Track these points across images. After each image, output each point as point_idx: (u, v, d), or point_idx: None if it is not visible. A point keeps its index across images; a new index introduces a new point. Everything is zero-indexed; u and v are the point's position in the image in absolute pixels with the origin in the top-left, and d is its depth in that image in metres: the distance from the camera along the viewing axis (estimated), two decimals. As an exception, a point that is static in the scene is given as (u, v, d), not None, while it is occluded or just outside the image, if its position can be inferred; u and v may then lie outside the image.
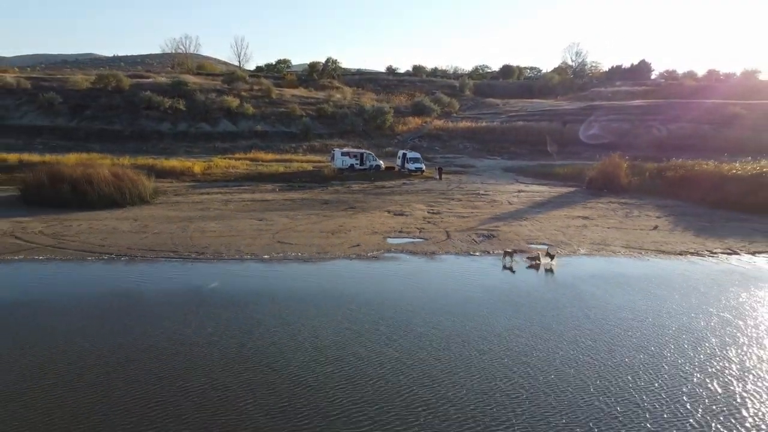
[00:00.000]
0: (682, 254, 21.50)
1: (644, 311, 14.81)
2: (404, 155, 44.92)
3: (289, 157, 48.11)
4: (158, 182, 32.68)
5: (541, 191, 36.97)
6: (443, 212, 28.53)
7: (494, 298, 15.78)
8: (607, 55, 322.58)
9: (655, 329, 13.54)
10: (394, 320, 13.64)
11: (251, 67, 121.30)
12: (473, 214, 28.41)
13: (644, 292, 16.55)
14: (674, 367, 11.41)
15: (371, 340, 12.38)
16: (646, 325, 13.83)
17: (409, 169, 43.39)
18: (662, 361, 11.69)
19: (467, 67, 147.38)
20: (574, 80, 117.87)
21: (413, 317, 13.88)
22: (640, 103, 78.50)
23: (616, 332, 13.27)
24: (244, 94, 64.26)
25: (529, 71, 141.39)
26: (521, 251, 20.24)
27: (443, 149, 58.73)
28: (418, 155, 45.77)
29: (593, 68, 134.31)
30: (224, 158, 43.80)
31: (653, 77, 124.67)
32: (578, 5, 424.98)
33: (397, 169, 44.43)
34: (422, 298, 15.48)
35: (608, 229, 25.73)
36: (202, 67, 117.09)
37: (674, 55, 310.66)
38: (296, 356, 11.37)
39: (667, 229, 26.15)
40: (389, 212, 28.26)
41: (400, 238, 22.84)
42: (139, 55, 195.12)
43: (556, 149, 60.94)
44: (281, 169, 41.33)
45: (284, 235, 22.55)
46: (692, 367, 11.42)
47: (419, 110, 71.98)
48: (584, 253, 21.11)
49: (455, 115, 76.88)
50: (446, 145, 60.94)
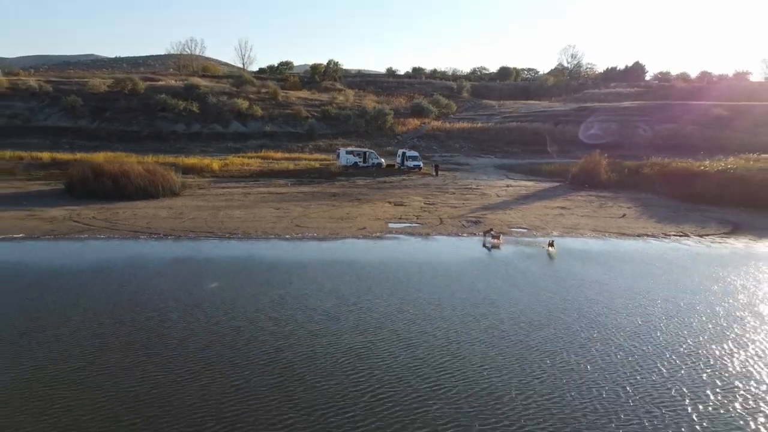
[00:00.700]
0: (640, 236, 25.27)
1: (596, 274, 18.55)
2: (403, 154, 48.69)
3: (297, 155, 51.83)
4: (182, 178, 36.38)
5: (527, 186, 40.73)
6: (438, 203, 32.31)
7: (474, 264, 19.53)
8: (603, 57, 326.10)
9: (603, 286, 17.26)
10: (395, 279, 17.35)
11: (254, 69, 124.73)
12: (464, 204, 32.19)
13: (600, 262, 20.30)
14: (617, 310, 15.13)
15: (379, 292, 16.08)
16: (595, 283, 17.55)
17: (408, 166, 47.15)
18: (607, 307, 15.40)
19: (466, 68, 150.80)
20: (569, 82, 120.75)
21: (410, 277, 17.61)
22: (628, 104, 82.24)
23: (566, 284, 16.99)
24: (252, 96, 68.00)
25: (526, 73, 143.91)
26: (491, 233, 23.40)
27: (440, 148, 62.44)
28: (416, 154, 49.55)
29: (588, 70, 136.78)
30: (238, 157, 47.57)
31: (648, 78, 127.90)
32: (577, 8, 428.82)
33: (397, 166, 48.14)
34: (417, 264, 19.22)
35: (581, 217, 29.50)
36: (206, 69, 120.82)
37: (671, 56, 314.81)
38: (324, 302, 15.06)
39: (633, 217, 29.92)
40: (390, 203, 32.03)
41: (399, 223, 26.60)
42: (141, 56, 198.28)
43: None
44: (291, 166, 45.12)
45: (300, 220, 26.31)
46: (632, 312, 15.13)
47: (418, 111, 75.72)
48: (556, 234, 24.83)
49: (452, 116, 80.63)
50: (443, 144, 64.65)
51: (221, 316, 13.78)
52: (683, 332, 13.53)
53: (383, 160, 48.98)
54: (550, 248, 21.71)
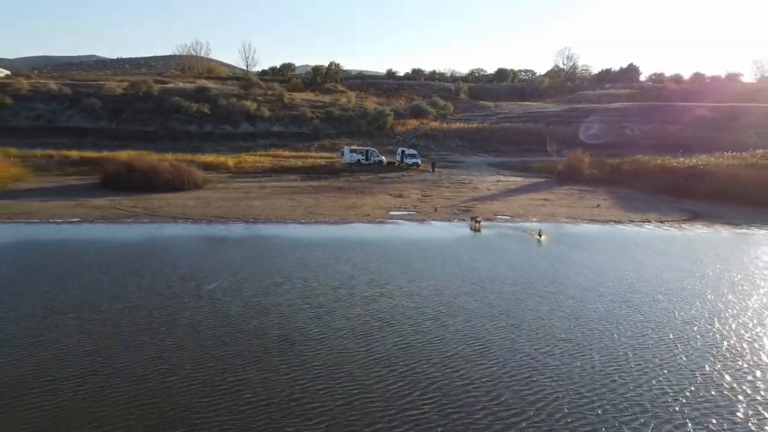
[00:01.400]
0: (607, 222, 29.10)
1: (561, 249, 22.36)
2: (403, 152, 52.53)
3: (303, 154, 55.66)
4: (203, 173, 40.21)
5: (516, 181, 44.57)
6: (433, 195, 36.15)
7: (461, 242, 23.36)
8: (601, 57, 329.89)
9: (564, 256, 21.07)
10: (396, 252, 21.15)
11: (256, 70, 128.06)
12: (457, 196, 36.04)
13: (566, 241, 24.12)
14: (570, 272, 18.93)
15: (384, 261, 19.86)
16: (557, 254, 21.36)
17: (407, 163, 50.98)
18: (562, 267, 19.20)
19: (464, 70, 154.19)
20: (564, 83, 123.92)
21: (408, 251, 21.42)
22: (618, 105, 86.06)
23: (533, 255, 20.80)
24: (259, 98, 71.83)
25: (523, 74, 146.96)
26: (474, 219, 27.20)
27: (438, 147, 66.24)
28: (415, 152, 53.39)
29: (584, 71, 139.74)
30: (250, 155, 51.41)
31: (643, 79, 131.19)
32: (576, 9, 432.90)
33: (396, 163, 51.94)
34: (414, 242, 23.05)
35: (560, 207, 33.34)
36: (210, 70, 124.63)
37: (668, 56, 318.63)
38: (341, 267, 18.83)
39: (606, 207, 33.76)
40: (390, 195, 35.88)
41: (399, 211, 30.44)
42: (142, 57, 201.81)
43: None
44: (299, 163, 48.97)
45: (312, 209, 30.16)
46: (582, 273, 18.93)
47: (417, 112, 79.50)
48: (535, 220, 28.67)
49: (450, 116, 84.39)
50: (440, 143, 68.45)
51: (265, 276, 17.58)
52: (622, 286, 17.32)
53: (384, 157, 52.77)
54: (540, 237, 24.12)
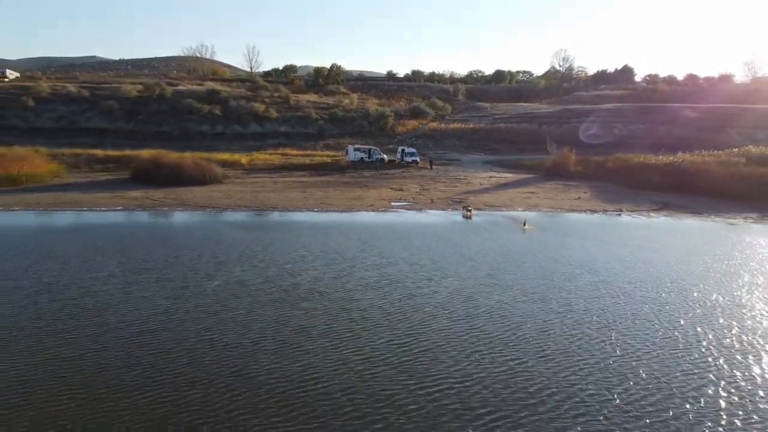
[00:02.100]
0: (584, 211, 32.91)
1: (539, 232, 26.14)
2: (403, 150, 56.31)
3: (310, 152, 59.43)
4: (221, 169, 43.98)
5: (507, 177, 48.38)
6: (430, 189, 39.95)
7: (453, 226, 27.16)
8: (600, 58, 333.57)
9: (543, 239, 24.85)
10: (398, 233, 24.93)
11: (259, 71, 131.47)
12: (452, 190, 39.83)
13: (545, 226, 27.92)
14: (545, 249, 22.69)
15: (387, 240, 23.64)
16: (535, 235, 25.13)
17: (406, 161, 54.74)
18: (537, 246, 22.97)
19: (463, 71, 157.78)
20: (561, 84, 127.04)
21: (408, 232, 25.20)
22: (609, 106, 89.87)
23: (513, 236, 24.57)
24: (267, 100, 75.63)
25: (521, 75, 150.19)
26: (466, 208, 31.09)
27: (436, 147, 70.00)
28: (414, 150, 57.17)
29: (580, 73, 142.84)
30: (260, 153, 55.17)
31: (638, 80, 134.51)
32: (575, 11, 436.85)
33: (397, 161, 55.70)
34: (413, 226, 26.83)
35: (545, 199, 37.15)
36: (215, 72, 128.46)
37: (664, 57, 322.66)
38: (353, 245, 22.58)
39: (586, 199, 37.56)
40: (392, 189, 39.68)
41: (399, 202, 34.23)
42: (144, 58, 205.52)
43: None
44: (307, 161, 52.75)
45: (323, 199, 33.95)
46: (559, 254, 22.71)
47: (416, 113, 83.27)
48: (520, 209, 32.48)
49: (448, 117, 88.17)
50: (439, 143, 72.22)
51: (292, 250, 21.33)
52: (584, 257, 21.08)
53: (385, 156, 56.53)
54: (525, 225, 27.23)
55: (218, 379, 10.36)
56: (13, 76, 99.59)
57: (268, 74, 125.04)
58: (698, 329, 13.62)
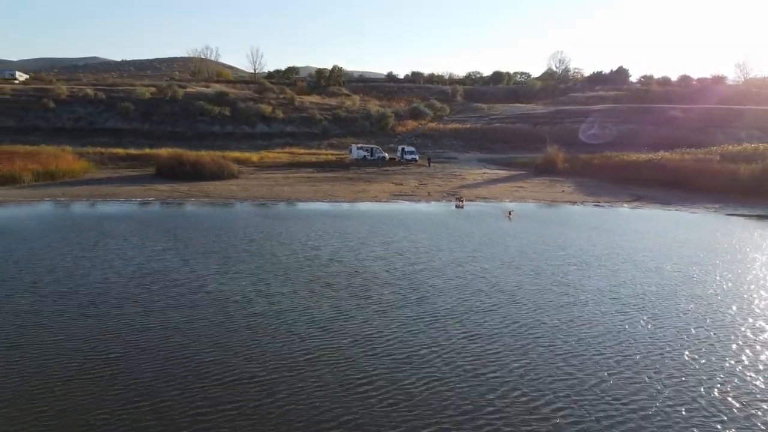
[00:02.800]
0: (565, 203, 36.76)
1: (521, 221, 29.97)
2: (403, 149, 60.18)
3: (315, 151, 63.28)
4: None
5: (499, 173, 52.26)
6: (428, 183, 43.83)
7: (447, 214, 31.01)
8: (596, 59, 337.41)
9: (524, 225, 28.68)
10: (398, 219, 28.78)
11: (262, 72, 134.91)
12: (448, 184, 43.71)
13: (527, 215, 31.76)
14: (527, 234, 26.52)
15: (390, 225, 27.48)
16: (519, 224, 28.96)
17: (406, 159, 58.59)
18: (519, 234, 26.79)
19: (462, 72, 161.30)
20: (557, 86, 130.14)
21: (407, 219, 29.05)
22: (600, 107, 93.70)
23: (499, 222, 28.40)
24: (273, 102, 79.46)
25: (519, 76, 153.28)
26: (458, 198, 35.02)
27: (434, 146, 73.82)
28: (413, 149, 61.04)
29: (576, 74, 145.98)
30: (269, 152, 59.01)
31: (634, 81, 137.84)
32: (574, 15, 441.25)
33: (397, 159, 59.52)
34: (412, 214, 30.68)
35: (531, 192, 41.03)
36: (220, 74, 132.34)
37: (660, 57, 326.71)
38: (361, 228, 26.42)
39: (569, 192, 41.43)
40: (392, 183, 43.55)
41: (400, 194, 38.08)
42: (147, 59, 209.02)
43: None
44: (313, 159, 56.62)
45: (330, 192, 37.82)
46: (536, 236, 26.53)
47: (416, 114, 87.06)
48: (508, 201, 36.35)
49: (446, 117, 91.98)
50: (437, 142, 76.05)
51: (310, 231, 25.18)
52: (557, 238, 24.91)
53: (386, 154, 60.37)
54: (510, 215, 31.09)
55: (272, 306, 14.21)
56: (22, 77, 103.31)
57: (270, 76, 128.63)
58: (635, 284, 17.48)
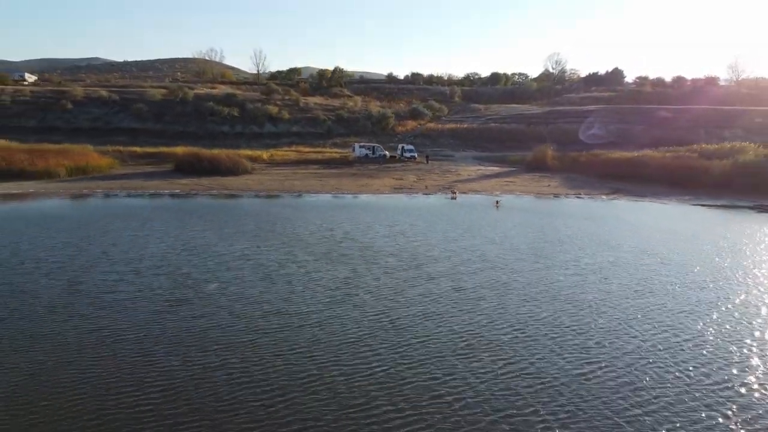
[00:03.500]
0: (549, 195, 40.57)
1: (506, 209, 33.78)
2: (402, 147, 63.97)
3: (320, 149, 67.04)
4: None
5: (492, 170, 56.08)
6: (426, 179, 47.63)
7: (442, 204, 34.83)
8: (594, 59, 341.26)
9: (508, 212, 32.48)
10: (399, 209, 32.57)
11: (264, 73, 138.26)
12: (444, 179, 47.52)
13: (512, 206, 35.59)
14: (509, 219, 30.31)
15: (392, 213, 31.24)
16: (504, 211, 32.75)
17: (406, 156, 62.36)
18: (503, 219, 30.57)
19: (461, 73, 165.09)
20: (553, 86, 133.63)
21: (407, 209, 32.83)
22: (591, 108, 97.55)
23: (488, 210, 32.19)
24: (279, 103, 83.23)
25: (517, 77, 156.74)
26: (452, 191, 38.89)
27: (432, 144, 77.59)
28: (412, 147, 64.83)
29: (572, 75, 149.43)
30: (278, 150, 62.77)
31: (629, 82, 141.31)
32: (574, 15, 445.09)
33: (397, 157, 63.28)
34: (411, 204, 34.47)
35: (520, 186, 44.83)
36: (224, 75, 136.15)
37: (659, 59, 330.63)
38: (366, 216, 30.17)
39: (554, 186, 45.25)
40: (393, 178, 47.35)
41: (399, 188, 41.90)
42: (148, 60, 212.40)
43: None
44: (319, 156, 60.40)
45: (337, 186, 41.62)
46: (517, 221, 30.33)
47: (415, 114, 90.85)
48: (497, 193, 40.15)
49: (444, 117, 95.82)
50: (435, 141, 79.83)
51: (324, 217, 28.94)
52: (536, 223, 28.69)
53: (387, 152, 64.16)
54: (497, 204, 35.56)
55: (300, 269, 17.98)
56: (31, 78, 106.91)
57: (273, 77, 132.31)
58: (593, 255, 21.30)
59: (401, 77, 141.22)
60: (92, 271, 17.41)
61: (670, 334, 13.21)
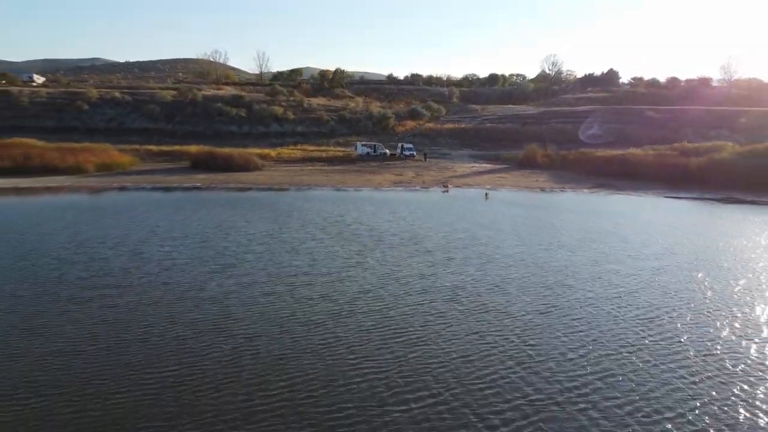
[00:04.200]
0: (536, 189, 44.29)
1: (493, 201, 37.47)
2: (402, 146, 67.71)
3: (324, 148, 70.75)
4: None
5: (485, 167, 59.83)
6: (423, 175, 51.38)
7: (437, 197, 38.55)
8: (593, 60, 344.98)
9: (496, 204, 36.18)
10: (398, 201, 36.26)
11: (266, 73, 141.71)
12: (440, 175, 51.25)
13: (500, 198, 39.31)
14: (497, 210, 34.03)
15: (392, 204, 34.92)
16: (494, 202, 36.44)
17: (405, 154, 66.11)
18: (490, 210, 34.28)
19: (460, 74, 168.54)
20: (550, 87, 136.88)
21: (405, 201, 36.52)
22: (586, 108, 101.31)
23: (479, 202, 35.88)
24: (283, 104, 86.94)
25: (515, 78, 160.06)
26: (444, 185, 42.66)
27: (431, 144, 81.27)
28: (411, 146, 68.57)
29: (568, 76, 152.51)
30: (284, 149, 66.47)
31: (625, 82, 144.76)
32: (574, 16, 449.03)
33: (397, 155, 66.99)
34: (410, 197, 38.19)
35: (510, 181, 48.57)
36: (227, 76, 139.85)
37: (656, 59, 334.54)
38: (368, 208, 33.83)
39: (542, 181, 48.97)
40: (393, 174, 51.07)
41: (399, 183, 45.63)
42: (150, 60, 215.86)
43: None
44: (323, 154, 64.11)
45: (341, 181, 45.32)
46: (503, 211, 34.05)
47: (414, 115, 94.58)
48: (488, 188, 43.88)
49: (443, 118, 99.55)
50: (433, 140, 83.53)
51: (331, 209, 32.61)
52: (520, 213, 32.38)
53: (387, 150, 67.86)
54: (486, 196, 39.77)
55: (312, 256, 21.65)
56: (40, 80, 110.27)
57: (275, 78, 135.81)
58: (567, 237, 25.01)
59: (401, 78, 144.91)
60: (148, 243, 21.13)
61: (614, 289, 16.94)
